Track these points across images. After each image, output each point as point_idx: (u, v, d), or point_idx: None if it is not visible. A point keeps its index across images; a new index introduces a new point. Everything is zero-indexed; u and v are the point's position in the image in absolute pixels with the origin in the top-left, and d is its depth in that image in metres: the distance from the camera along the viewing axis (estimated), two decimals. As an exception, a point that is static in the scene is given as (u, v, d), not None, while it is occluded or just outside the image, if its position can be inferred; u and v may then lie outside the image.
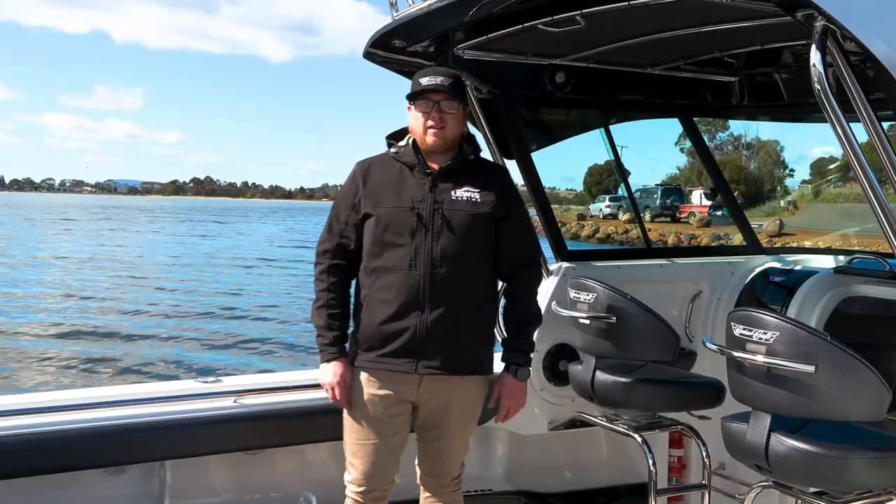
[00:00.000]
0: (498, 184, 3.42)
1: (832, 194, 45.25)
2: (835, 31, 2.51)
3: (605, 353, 3.86)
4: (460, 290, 3.27)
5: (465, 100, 3.42)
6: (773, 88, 4.65)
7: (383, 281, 3.28)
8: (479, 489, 4.35)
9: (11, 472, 3.37)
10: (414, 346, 3.25)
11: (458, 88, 3.36)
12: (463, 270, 3.27)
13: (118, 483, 3.72)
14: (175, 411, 3.64)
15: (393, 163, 3.40)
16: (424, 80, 3.32)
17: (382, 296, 3.28)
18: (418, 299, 3.24)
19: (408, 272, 3.24)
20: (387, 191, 3.33)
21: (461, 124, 3.40)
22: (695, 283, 4.68)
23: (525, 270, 3.47)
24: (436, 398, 3.33)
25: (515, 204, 3.46)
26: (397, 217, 3.28)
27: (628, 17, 3.29)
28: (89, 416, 3.52)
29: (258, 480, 3.94)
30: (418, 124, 3.34)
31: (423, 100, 3.32)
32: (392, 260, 3.27)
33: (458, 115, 3.36)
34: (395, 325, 3.25)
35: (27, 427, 3.39)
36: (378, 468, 3.35)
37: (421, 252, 3.24)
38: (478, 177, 3.38)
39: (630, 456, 4.56)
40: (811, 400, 2.73)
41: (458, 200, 3.30)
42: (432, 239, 3.25)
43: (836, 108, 2.55)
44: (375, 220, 3.31)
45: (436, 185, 3.31)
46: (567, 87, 4.37)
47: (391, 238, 3.28)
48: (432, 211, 3.27)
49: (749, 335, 2.84)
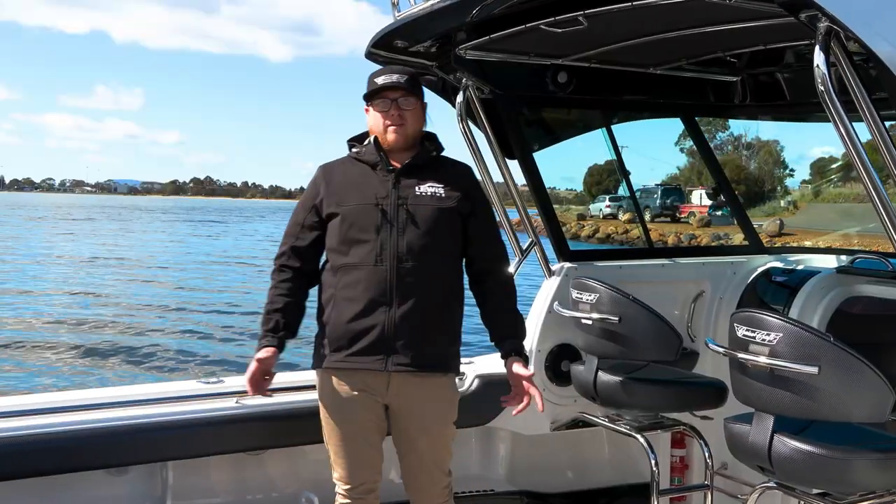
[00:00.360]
0: (463, 181, 3.42)
1: (832, 194, 45.28)
2: (838, 31, 2.51)
3: (608, 354, 3.85)
4: (427, 284, 3.27)
5: (422, 96, 3.41)
6: (776, 88, 4.65)
7: (349, 278, 3.27)
8: (482, 489, 4.35)
9: (13, 472, 3.36)
10: (383, 342, 3.23)
11: (414, 85, 3.36)
12: (429, 265, 3.27)
13: (120, 484, 3.72)
14: (177, 412, 3.64)
15: (355, 163, 3.40)
16: (380, 79, 3.32)
17: (348, 293, 3.27)
18: (385, 295, 3.23)
19: (374, 268, 3.23)
20: (350, 189, 3.33)
21: (420, 121, 3.40)
22: (697, 282, 4.67)
23: (499, 265, 3.46)
24: (408, 398, 3.31)
25: (481, 202, 3.46)
26: (362, 213, 3.28)
27: (631, 17, 3.29)
28: (91, 416, 3.51)
29: (260, 481, 3.94)
30: (378, 123, 3.35)
31: (381, 98, 3.33)
32: (358, 256, 3.26)
33: (417, 111, 3.37)
34: (362, 322, 3.24)
35: (29, 428, 3.38)
36: (362, 463, 3.37)
37: (387, 247, 3.24)
38: (442, 174, 3.38)
39: (632, 456, 4.56)
40: (814, 401, 2.72)
41: (423, 195, 3.30)
42: (397, 234, 3.25)
43: (839, 107, 2.56)
44: (341, 218, 3.31)
45: (399, 181, 3.31)
46: (569, 87, 4.36)
47: (356, 234, 3.27)
48: (396, 206, 3.27)
49: (752, 336, 2.83)
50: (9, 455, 3.32)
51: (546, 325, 4.32)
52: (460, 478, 4.23)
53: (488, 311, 3.45)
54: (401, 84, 3.31)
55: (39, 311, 20.36)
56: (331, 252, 3.36)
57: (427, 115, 3.45)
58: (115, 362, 14.49)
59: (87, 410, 3.54)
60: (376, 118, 3.36)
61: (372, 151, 3.36)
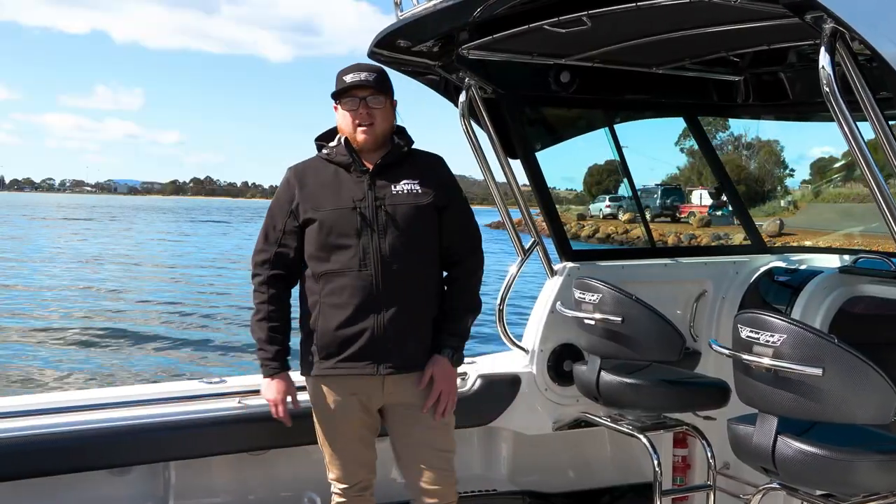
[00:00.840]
0: (436, 173, 3.40)
1: (832, 194, 45.26)
2: (843, 32, 2.52)
3: (610, 354, 3.86)
4: (413, 285, 3.26)
5: (390, 94, 3.38)
6: (779, 87, 4.65)
7: (334, 285, 3.25)
8: (484, 489, 4.34)
9: (16, 473, 3.36)
10: (373, 347, 3.22)
11: (382, 82, 3.33)
12: (414, 265, 3.26)
13: (122, 484, 3.72)
14: (179, 412, 3.63)
15: (326, 164, 3.37)
16: (348, 77, 3.29)
17: (334, 300, 3.25)
18: (373, 299, 3.21)
19: (358, 273, 3.21)
20: (325, 193, 3.30)
21: (390, 119, 3.37)
22: (699, 282, 4.67)
23: (466, 258, 3.44)
24: (402, 396, 3.31)
25: (455, 193, 3.43)
26: (340, 218, 3.24)
27: (636, 17, 3.28)
28: (93, 416, 3.51)
29: (262, 481, 3.94)
30: (346, 122, 3.32)
31: (349, 97, 3.30)
32: (340, 262, 3.24)
33: (386, 109, 3.34)
34: (351, 328, 3.22)
35: (32, 428, 3.38)
36: (357, 463, 3.40)
37: (370, 251, 3.22)
38: (415, 169, 3.36)
39: (635, 456, 4.56)
40: (818, 402, 2.73)
41: (399, 194, 3.28)
42: (379, 237, 3.23)
43: (843, 107, 2.57)
44: (318, 225, 3.27)
45: (374, 183, 3.28)
46: (572, 86, 4.36)
47: (336, 241, 3.24)
48: (375, 208, 3.25)
49: (756, 337, 2.83)
50: (12, 455, 3.32)
51: (549, 324, 4.32)
52: (463, 478, 4.21)
53: (448, 300, 3.39)
54: (369, 83, 3.27)
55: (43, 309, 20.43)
56: (310, 259, 3.32)
57: (396, 112, 3.41)
58: (117, 362, 14.52)
59: (90, 410, 3.54)
60: (345, 117, 3.32)
61: (343, 152, 3.33)
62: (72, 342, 16.26)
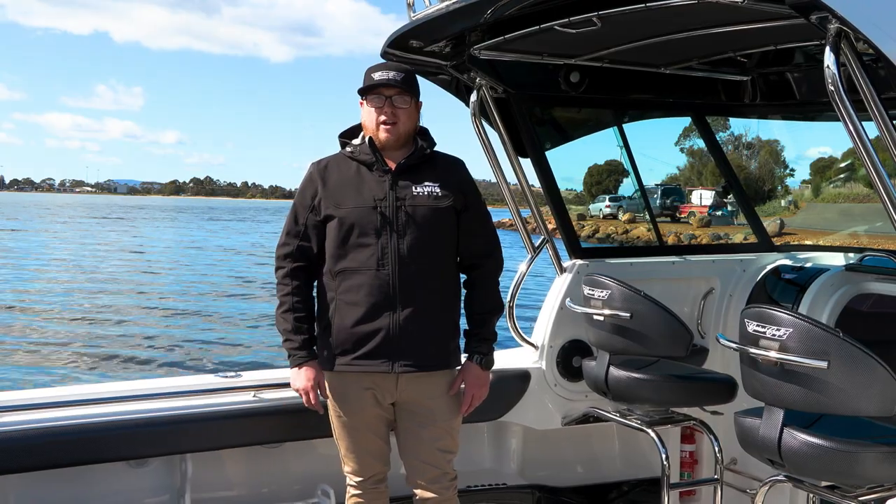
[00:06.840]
0: (456, 176, 3.44)
1: (832, 194, 45.16)
2: (848, 33, 2.55)
3: (619, 349, 3.90)
4: (429, 286, 3.30)
5: (417, 94, 3.41)
6: (785, 87, 4.69)
7: (350, 283, 3.29)
8: (494, 483, 4.39)
9: (35, 464, 3.42)
10: (388, 345, 3.27)
11: (409, 83, 3.36)
12: (431, 266, 3.30)
13: (140, 476, 3.78)
14: (196, 405, 3.69)
15: (349, 162, 3.40)
16: (377, 74, 3.32)
17: (350, 298, 3.29)
18: (389, 299, 3.26)
19: (376, 272, 3.25)
20: (347, 191, 3.33)
21: (414, 119, 3.40)
22: (707, 279, 4.72)
23: (486, 261, 3.48)
24: (415, 394, 3.37)
25: (474, 196, 3.47)
26: (361, 217, 3.28)
27: (645, 18, 3.33)
28: (111, 409, 3.57)
29: (277, 473, 4.00)
30: (371, 120, 3.35)
31: (375, 94, 3.33)
32: (358, 261, 3.28)
33: (411, 109, 3.37)
34: (367, 326, 3.27)
35: (51, 420, 3.44)
36: (373, 456, 3.45)
37: (388, 251, 3.25)
38: (436, 171, 3.39)
39: (643, 451, 4.61)
40: (824, 395, 2.77)
41: (420, 196, 3.31)
42: (398, 237, 3.26)
43: (849, 107, 2.61)
44: (338, 222, 3.31)
45: (396, 183, 3.32)
46: (581, 86, 4.41)
47: (356, 239, 3.28)
48: (395, 209, 3.28)
49: (762, 332, 2.88)
50: (32, 447, 3.38)
51: (558, 320, 4.38)
52: (472, 472, 4.29)
53: (471, 304, 3.48)
54: (396, 82, 3.31)
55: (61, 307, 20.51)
56: (329, 255, 3.36)
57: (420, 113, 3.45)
58: (135, 357, 14.63)
59: (109, 403, 3.59)
60: (370, 114, 3.35)
61: (367, 151, 3.36)
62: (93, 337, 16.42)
